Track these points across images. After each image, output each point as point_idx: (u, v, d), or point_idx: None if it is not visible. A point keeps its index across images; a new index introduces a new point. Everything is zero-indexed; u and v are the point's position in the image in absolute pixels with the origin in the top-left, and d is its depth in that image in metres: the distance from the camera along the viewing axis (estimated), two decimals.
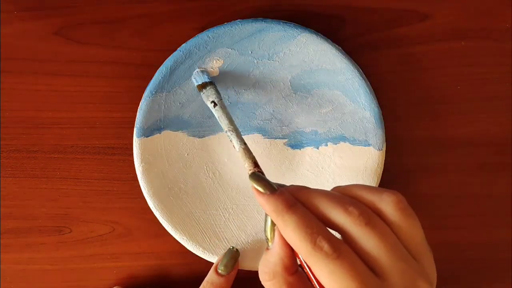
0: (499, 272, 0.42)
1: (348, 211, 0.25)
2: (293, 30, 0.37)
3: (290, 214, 0.25)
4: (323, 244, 0.24)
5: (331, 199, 0.26)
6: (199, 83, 0.36)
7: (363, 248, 0.25)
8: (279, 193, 0.26)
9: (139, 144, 0.37)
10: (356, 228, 0.25)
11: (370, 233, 0.25)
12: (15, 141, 0.39)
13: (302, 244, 0.24)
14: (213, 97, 0.35)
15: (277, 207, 0.25)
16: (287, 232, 0.25)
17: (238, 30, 0.36)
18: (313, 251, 0.24)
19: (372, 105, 0.37)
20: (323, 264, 0.24)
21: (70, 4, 0.39)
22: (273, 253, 0.27)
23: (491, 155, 0.41)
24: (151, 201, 0.37)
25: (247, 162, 0.32)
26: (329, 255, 0.24)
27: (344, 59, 0.37)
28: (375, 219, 0.25)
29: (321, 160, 0.39)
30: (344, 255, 0.24)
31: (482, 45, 0.40)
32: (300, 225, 0.25)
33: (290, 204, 0.26)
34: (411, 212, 0.26)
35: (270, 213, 0.26)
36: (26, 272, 0.40)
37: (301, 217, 0.25)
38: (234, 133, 0.33)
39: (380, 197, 0.26)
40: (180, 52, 0.37)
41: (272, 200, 0.26)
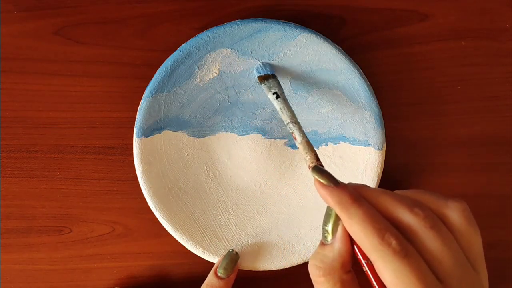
0: (499, 272, 0.41)
1: (414, 211, 0.25)
2: (293, 30, 0.37)
3: (355, 207, 0.25)
4: (391, 240, 0.24)
5: (396, 198, 0.26)
6: (261, 74, 0.36)
7: (427, 249, 0.24)
8: (344, 186, 0.26)
9: (139, 144, 0.37)
10: (421, 229, 0.24)
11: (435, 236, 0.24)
12: (15, 141, 0.39)
13: (369, 238, 0.24)
14: (276, 89, 0.35)
15: (342, 200, 0.25)
16: (353, 225, 0.25)
17: (238, 30, 0.36)
18: (380, 246, 0.24)
19: (372, 105, 0.37)
20: (389, 260, 0.23)
21: (70, 4, 0.39)
22: (333, 248, 0.26)
23: (491, 155, 0.41)
24: (151, 201, 0.37)
25: (309, 154, 0.31)
26: (396, 252, 0.23)
27: (344, 59, 0.37)
28: (439, 223, 0.25)
29: (321, 160, 0.39)
30: (411, 254, 0.24)
31: (482, 45, 0.40)
32: (366, 218, 0.24)
33: (355, 197, 0.25)
34: (474, 221, 0.26)
35: (334, 206, 0.25)
36: (26, 272, 0.40)
37: (367, 211, 0.25)
38: (296, 125, 0.33)
39: (446, 203, 0.26)
40: (180, 52, 0.37)
41: (336, 192, 0.26)
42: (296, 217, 0.39)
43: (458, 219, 0.25)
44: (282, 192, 0.39)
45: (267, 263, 0.38)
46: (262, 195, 0.39)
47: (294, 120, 0.33)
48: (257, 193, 0.39)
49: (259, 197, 0.39)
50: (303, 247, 0.38)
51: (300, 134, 0.32)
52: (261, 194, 0.39)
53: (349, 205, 0.25)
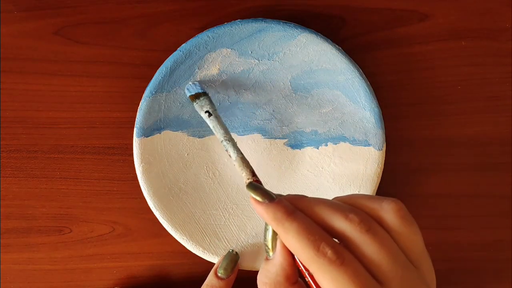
0: (499, 272, 0.41)
1: (349, 218, 0.25)
2: (293, 30, 0.37)
3: (290, 221, 0.25)
4: (327, 250, 0.24)
5: (331, 206, 0.26)
6: (192, 93, 0.36)
7: (364, 254, 0.24)
8: (278, 201, 0.26)
9: (139, 144, 0.37)
10: (357, 234, 0.25)
11: (371, 240, 0.24)
12: (15, 141, 0.39)
13: (305, 250, 0.24)
14: (208, 107, 0.35)
15: (277, 215, 0.25)
16: (289, 239, 0.25)
17: (238, 30, 0.36)
18: (316, 257, 0.24)
19: (372, 105, 0.37)
20: (327, 270, 0.24)
21: (70, 4, 0.39)
22: (275, 263, 0.27)
23: (491, 155, 0.41)
24: (151, 201, 0.37)
25: (244, 171, 0.31)
26: (332, 261, 0.24)
27: (344, 59, 0.37)
28: (375, 226, 0.25)
29: (321, 160, 0.39)
30: (348, 261, 0.24)
31: (482, 45, 0.40)
32: (301, 231, 0.25)
33: (290, 211, 0.25)
34: (411, 219, 0.26)
35: (270, 222, 0.26)
36: (26, 272, 0.40)
37: (302, 224, 0.25)
38: (230, 142, 0.33)
39: (380, 205, 0.26)
40: (180, 52, 0.37)
41: (271, 208, 0.26)
42: None
43: (393, 220, 0.26)
44: (282, 192, 0.39)
45: None
46: None
47: (228, 138, 0.33)
48: None
49: None
50: None
51: (235, 151, 0.32)
52: None
53: (284, 220, 0.25)
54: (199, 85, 0.36)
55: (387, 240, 0.25)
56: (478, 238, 0.41)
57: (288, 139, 0.39)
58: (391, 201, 0.26)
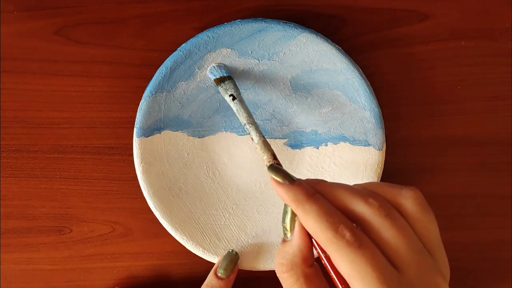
0: (499, 272, 0.41)
1: (369, 202, 0.25)
2: (293, 30, 0.37)
3: (310, 203, 0.25)
4: (345, 232, 0.24)
5: (350, 190, 0.26)
6: (217, 77, 0.36)
7: (382, 238, 0.25)
8: (298, 183, 0.26)
9: (139, 144, 0.37)
10: (376, 218, 0.25)
11: (390, 225, 0.25)
12: (15, 141, 0.39)
13: (323, 232, 0.24)
14: (232, 91, 0.35)
15: (297, 197, 0.26)
16: (308, 221, 0.25)
17: (238, 30, 0.36)
18: (334, 239, 0.24)
19: (372, 105, 0.37)
20: (344, 252, 0.24)
21: (70, 4, 0.39)
22: (292, 244, 0.27)
23: (491, 155, 0.41)
24: (151, 201, 0.37)
25: (266, 154, 0.32)
26: (350, 243, 0.24)
27: (344, 59, 0.37)
28: (394, 212, 0.25)
29: (321, 160, 0.39)
30: (365, 245, 0.24)
31: (482, 45, 0.40)
32: (321, 213, 0.25)
33: (310, 193, 0.26)
34: (428, 208, 0.26)
35: (290, 203, 0.26)
36: (26, 272, 0.40)
37: (322, 206, 0.25)
38: (253, 126, 0.33)
39: (400, 192, 0.27)
40: (180, 52, 0.37)
41: (292, 190, 0.26)
42: None
43: (412, 207, 0.26)
44: None
45: (267, 263, 0.38)
46: (262, 195, 0.39)
47: (250, 121, 0.34)
48: (257, 193, 0.39)
49: (259, 197, 0.39)
50: None
51: (257, 134, 0.33)
52: (261, 194, 0.39)
53: (304, 201, 0.25)
54: (224, 69, 0.37)
55: (405, 226, 0.25)
56: (478, 238, 0.41)
57: (288, 139, 0.39)
58: (411, 189, 0.27)
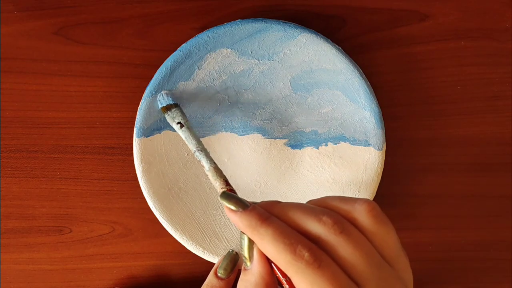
0: (499, 272, 0.41)
1: (322, 220, 0.25)
2: (293, 30, 0.37)
3: (265, 227, 0.25)
4: (304, 252, 0.24)
5: (304, 210, 0.26)
6: (164, 105, 0.36)
7: (340, 256, 0.24)
8: (252, 209, 0.26)
9: (139, 144, 0.37)
10: (332, 236, 0.25)
11: (346, 241, 0.24)
12: (15, 141, 0.39)
13: (282, 254, 0.24)
14: (179, 119, 0.35)
15: (251, 222, 0.25)
16: (265, 245, 0.25)
17: (238, 30, 0.36)
18: (293, 261, 0.24)
19: (372, 105, 0.37)
20: (304, 273, 0.23)
21: (70, 4, 0.39)
22: (253, 272, 0.26)
23: (491, 155, 0.41)
24: (151, 201, 0.37)
25: (218, 181, 0.32)
26: (310, 263, 0.23)
27: (344, 59, 0.37)
28: (349, 227, 0.25)
29: (321, 160, 0.39)
30: (325, 264, 0.24)
31: (482, 45, 0.40)
32: (277, 236, 0.24)
33: (264, 217, 0.25)
34: (384, 218, 0.26)
35: (245, 230, 0.26)
36: (26, 272, 0.40)
37: (277, 228, 0.25)
38: (203, 152, 0.34)
39: (353, 206, 0.26)
40: (180, 52, 0.37)
41: (244, 216, 0.26)
42: None
43: (367, 220, 0.26)
44: (282, 192, 0.39)
45: None
46: (262, 195, 0.39)
47: (200, 148, 0.34)
48: (257, 193, 0.39)
49: (259, 197, 0.39)
50: None
51: (208, 161, 0.33)
52: (261, 194, 0.39)
53: (258, 226, 0.25)
54: (171, 97, 0.37)
55: (362, 241, 0.25)
56: (478, 238, 0.41)
57: (288, 139, 0.39)
58: (364, 202, 0.26)
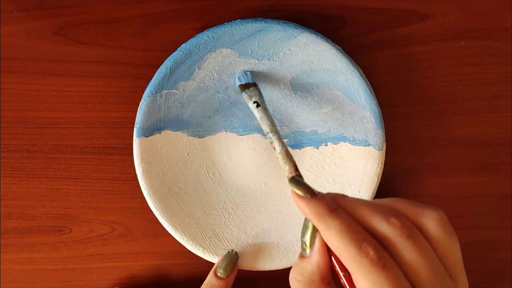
0: (499, 272, 0.41)
1: (390, 221, 0.24)
2: (293, 30, 0.37)
3: (333, 218, 0.25)
4: (369, 250, 0.23)
5: (372, 208, 0.25)
6: (242, 83, 0.36)
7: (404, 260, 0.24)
8: (320, 197, 0.26)
9: (139, 144, 0.37)
10: (398, 239, 0.24)
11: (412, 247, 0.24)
12: (15, 141, 0.39)
13: (347, 248, 0.24)
14: (256, 98, 0.35)
15: (319, 211, 0.25)
16: (330, 236, 0.24)
17: (238, 30, 0.36)
18: (358, 256, 0.23)
19: (372, 105, 0.37)
20: (367, 271, 0.23)
21: (70, 4, 0.39)
22: (311, 261, 0.26)
23: (491, 155, 0.41)
24: (151, 201, 0.37)
25: (287, 165, 0.31)
26: (374, 262, 0.23)
27: (344, 59, 0.37)
28: (417, 233, 0.25)
29: (321, 160, 0.39)
30: (389, 266, 0.23)
31: (482, 45, 0.40)
32: (344, 229, 0.24)
33: (332, 208, 0.25)
34: (452, 230, 0.25)
35: (311, 217, 0.25)
36: (26, 272, 0.40)
37: (345, 221, 0.24)
38: (276, 135, 0.33)
39: (422, 212, 0.26)
40: (180, 52, 0.37)
41: (313, 204, 0.25)
42: (296, 217, 0.39)
43: (435, 229, 0.25)
44: (282, 192, 0.39)
45: (267, 263, 0.38)
46: (262, 195, 0.39)
47: (273, 130, 0.33)
48: (257, 193, 0.39)
49: (259, 197, 0.39)
50: None
51: (280, 144, 0.32)
52: (261, 194, 0.39)
53: (327, 216, 0.25)
54: (251, 76, 0.37)
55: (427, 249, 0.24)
56: (478, 238, 0.41)
57: (288, 139, 0.39)
58: (435, 210, 0.26)
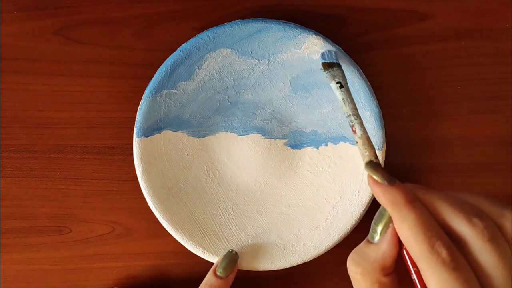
0: None
1: (472, 222, 0.23)
2: (293, 30, 0.37)
3: (409, 209, 0.24)
4: (442, 250, 0.23)
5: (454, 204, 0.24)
6: (327, 61, 0.35)
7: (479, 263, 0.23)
8: (399, 185, 0.25)
9: (139, 144, 0.37)
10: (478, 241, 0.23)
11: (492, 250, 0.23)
12: (15, 141, 0.39)
13: (418, 244, 0.23)
14: (340, 78, 0.33)
15: (396, 200, 0.24)
16: (404, 228, 0.24)
17: (238, 30, 0.36)
18: (429, 254, 0.23)
19: (372, 105, 0.37)
20: (437, 271, 0.22)
21: (70, 4, 0.39)
22: (378, 249, 0.25)
23: (491, 155, 0.41)
24: (151, 201, 0.37)
25: (368, 150, 0.29)
26: (446, 263, 0.22)
27: (344, 59, 0.37)
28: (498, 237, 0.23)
29: (321, 160, 0.39)
30: (461, 267, 0.22)
31: (482, 45, 0.40)
32: (419, 223, 0.23)
33: (410, 199, 0.24)
34: None
35: (387, 205, 0.24)
36: (26, 272, 0.40)
37: (421, 216, 0.23)
38: (358, 119, 0.31)
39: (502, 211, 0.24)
40: (180, 52, 0.37)
41: (390, 191, 0.24)
42: (296, 217, 0.39)
43: None
44: (282, 192, 0.39)
45: (267, 263, 0.38)
46: (262, 195, 0.39)
47: (355, 113, 0.31)
48: (257, 193, 0.39)
49: (259, 197, 0.39)
50: (303, 247, 0.38)
51: (361, 129, 0.30)
52: (261, 194, 0.39)
53: (403, 206, 0.24)
54: (335, 56, 0.35)
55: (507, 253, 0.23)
56: None
57: (288, 139, 0.39)
58: None
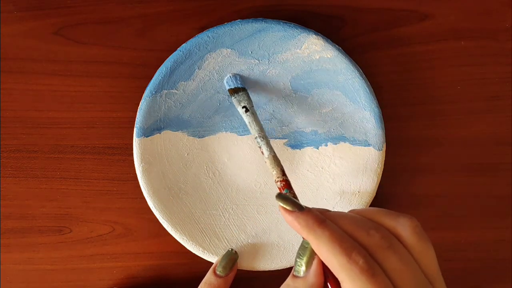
0: (499, 272, 0.42)
1: (370, 234, 0.26)
2: (293, 30, 0.37)
3: (322, 228, 0.26)
4: (359, 258, 0.24)
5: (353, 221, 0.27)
6: (232, 87, 0.37)
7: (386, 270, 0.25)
8: (308, 210, 0.27)
9: (139, 144, 0.37)
10: (379, 250, 0.25)
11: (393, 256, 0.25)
12: (15, 141, 0.39)
13: (336, 257, 0.25)
14: (245, 103, 0.36)
15: (309, 223, 0.26)
16: (320, 246, 0.25)
17: (238, 30, 0.36)
18: (348, 265, 0.24)
19: (372, 105, 0.37)
20: (357, 279, 0.24)
21: (70, 4, 0.39)
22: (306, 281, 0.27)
23: (491, 155, 0.41)
24: (151, 201, 0.37)
25: (275, 170, 0.33)
26: (364, 270, 0.24)
27: (344, 59, 0.37)
28: (396, 243, 0.26)
29: (321, 160, 0.39)
30: (378, 273, 0.24)
31: (482, 45, 0.40)
32: (334, 238, 0.25)
33: (321, 220, 0.26)
34: (426, 236, 0.27)
35: (302, 229, 0.26)
36: (26, 272, 0.40)
37: (334, 232, 0.26)
38: (264, 140, 0.34)
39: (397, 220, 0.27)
40: (180, 52, 0.37)
41: (302, 217, 0.27)
42: None
43: (410, 237, 0.26)
44: None
45: (267, 263, 0.38)
46: (262, 195, 0.39)
47: (262, 135, 0.34)
48: (257, 193, 0.39)
49: (259, 197, 0.39)
50: None
51: (267, 149, 0.34)
52: (261, 194, 0.39)
53: (316, 227, 0.26)
54: (239, 80, 0.37)
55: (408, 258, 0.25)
56: (478, 238, 0.41)
57: (288, 139, 0.39)
58: (408, 218, 0.27)
